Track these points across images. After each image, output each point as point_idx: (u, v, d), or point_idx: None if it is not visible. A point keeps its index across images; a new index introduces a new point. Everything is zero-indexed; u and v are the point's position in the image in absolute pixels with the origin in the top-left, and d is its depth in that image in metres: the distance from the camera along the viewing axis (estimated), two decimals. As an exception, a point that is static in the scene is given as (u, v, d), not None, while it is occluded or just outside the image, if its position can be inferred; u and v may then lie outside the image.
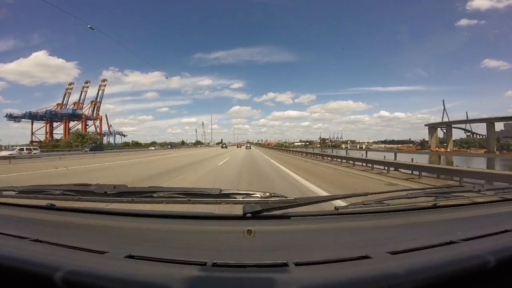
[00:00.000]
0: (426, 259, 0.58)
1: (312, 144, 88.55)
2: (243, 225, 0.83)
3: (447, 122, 66.29)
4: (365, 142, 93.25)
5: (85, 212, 1.02)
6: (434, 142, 64.06)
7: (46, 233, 0.79)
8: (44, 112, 57.11)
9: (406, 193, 1.04)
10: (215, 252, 0.68)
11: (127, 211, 1.01)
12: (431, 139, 65.36)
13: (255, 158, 17.43)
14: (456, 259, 0.58)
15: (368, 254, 0.62)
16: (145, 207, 1.05)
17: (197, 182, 6.88)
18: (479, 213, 1.01)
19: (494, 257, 0.56)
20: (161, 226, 0.90)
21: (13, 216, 1.02)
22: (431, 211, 1.02)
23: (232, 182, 6.76)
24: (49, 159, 17.99)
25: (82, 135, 48.97)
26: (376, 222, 0.92)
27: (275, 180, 7.35)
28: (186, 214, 0.99)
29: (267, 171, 9.60)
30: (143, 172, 9.87)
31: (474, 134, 71.13)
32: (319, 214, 0.99)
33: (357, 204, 1.01)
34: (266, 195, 0.94)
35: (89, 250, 0.66)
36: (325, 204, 1.12)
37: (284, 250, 0.72)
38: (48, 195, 1.09)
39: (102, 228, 0.91)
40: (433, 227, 0.90)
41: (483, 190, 1.13)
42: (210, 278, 0.55)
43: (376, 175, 8.78)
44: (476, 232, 0.74)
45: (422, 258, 0.60)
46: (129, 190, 1.02)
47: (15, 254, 0.61)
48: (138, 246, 0.73)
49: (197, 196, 1.00)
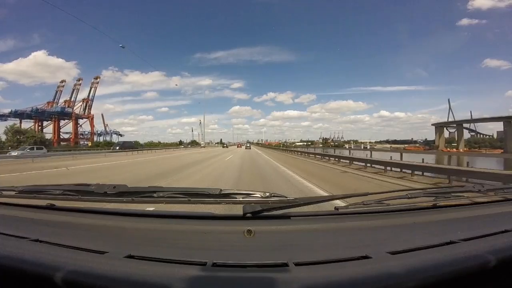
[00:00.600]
0: (426, 259, 0.58)
1: (314, 144, 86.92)
2: (243, 225, 0.83)
3: (458, 121, 64.08)
4: (367, 142, 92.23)
5: (85, 212, 1.02)
6: (442, 142, 63.01)
7: (46, 233, 0.79)
8: (30, 110, 52.90)
9: (406, 193, 1.04)
10: (215, 252, 0.68)
11: (127, 211, 1.01)
12: (438, 139, 64.13)
13: (256, 161, 15.34)
14: (456, 259, 0.58)
15: (368, 254, 0.62)
16: (145, 207, 1.05)
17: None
18: (479, 213, 1.01)
19: (494, 257, 0.56)
20: (161, 226, 0.90)
21: (13, 216, 1.02)
22: (431, 211, 1.02)
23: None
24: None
25: (20, 132, 37.15)
26: (376, 222, 0.92)
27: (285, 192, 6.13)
28: (186, 214, 1.00)
29: (275, 182, 7.25)
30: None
31: (478, 134, 70.43)
32: (319, 214, 0.99)
33: (357, 204, 1.01)
34: (266, 195, 0.94)
35: (89, 250, 0.66)
36: (325, 204, 1.12)
37: (284, 250, 0.72)
38: (48, 195, 1.10)
39: (102, 228, 0.91)
40: (433, 227, 0.89)
41: (483, 190, 1.13)
42: (210, 278, 0.55)
43: (399, 180, 7.61)
44: (476, 232, 0.74)
45: (422, 258, 0.60)
46: (129, 190, 1.02)
47: (15, 254, 0.61)
48: (138, 246, 0.73)
49: (197, 196, 1.00)
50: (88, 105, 61.14)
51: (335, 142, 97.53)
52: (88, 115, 61.16)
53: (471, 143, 63.69)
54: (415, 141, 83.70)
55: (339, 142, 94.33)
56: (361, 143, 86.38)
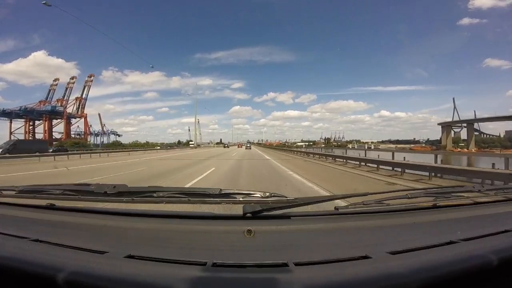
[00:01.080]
0: (426, 259, 0.58)
1: (316, 144, 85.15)
2: (243, 225, 0.82)
3: (468, 120, 63.24)
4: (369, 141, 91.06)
5: (85, 212, 1.02)
6: (449, 141, 62.30)
7: (46, 233, 0.80)
8: (19, 109, 50.59)
9: (406, 193, 1.04)
10: (215, 252, 0.68)
11: (127, 211, 1.01)
12: (446, 139, 63.50)
13: (258, 167, 11.60)
14: (456, 259, 0.58)
15: (368, 254, 0.62)
16: (145, 207, 1.05)
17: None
18: (479, 213, 1.01)
19: (494, 257, 0.56)
20: (161, 226, 0.90)
21: (13, 216, 1.02)
22: (431, 211, 1.02)
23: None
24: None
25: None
26: (376, 222, 0.92)
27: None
28: (186, 214, 1.00)
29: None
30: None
31: (482, 134, 69.58)
32: (319, 214, 0.98)
33: (357, 204, 1.01)
34: (266, 195, 0.94)
35: (89, 250, 0.66)
36: (325, 204, 1.12)
37: (284, 250, 0.72)
38: (48, 195, 1.10)
39: (102, 228, 0.91)
40: (433, 227, 0.89)
41: (483, 190, 1.13)
42: (210, 278, 0.55)
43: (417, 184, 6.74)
44: (476, 232, 0.74)
45: (422, 258, 0.60)
46: (129, 190, 1.02)
47: (15, 254, 0.61)
48: (138, 246, 0.73)
49: (197, 196, 1.00)
50: (81, 104, 59.25)
51: (337, 142, 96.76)
52: (81, 114, 59.28)
53: (479, 143, 62.79)
54: (417, 141, 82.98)
55: (342, 142, 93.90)
56: (364, 143, 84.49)
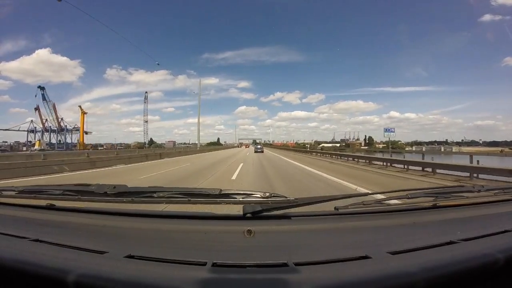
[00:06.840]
0: (426, 259, 0.58)
1: (353, 145, 69.49)
2: (243, 225, 0.82)
3: None
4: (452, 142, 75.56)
5: (85, 212, 1.02)
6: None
7: (46, 233, 0.79)
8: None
9: (406, 193, 1.04)
10: (215, 252, 0.68)
11: (127, 211, 1.01)
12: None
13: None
14: (456, 259, 0.58)
15: (368, 254, 0.62)
16: (145, 207, 1.05)
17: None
18: (479, 213, 1.01)
19: (494, 257, 0.57)
20: (161, 226, 0.90)
21: (13, 216, 1.01)
22: (431, 211, 1.02)
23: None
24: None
25: None
26: (376, 222, 0.92)
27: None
28: (186, 214, 0.99)
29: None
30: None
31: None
32: (319, 214, 0.98)
33: (357, 204, 1.01)
34: (266, 195, 0.94)
35: (89, 250, 0.66)
36: (325, 204, 1.12)
37: (284, 250, 0.72)
38: (48, 195, 1.09)
39: (102, 228, 0.90)
40: (433, 227, 0.89)
41: (483, 190, 1.13)
42: (210, 278, 0.55)
43: None
44: (476, 232, 0.74)
45: (422, 258, 0.60)
46: (129, 190, 1.02)
47: (15, 254, 0.61)
48: (138, 246, 0.73)
49: (197, 196, 1.00)
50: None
51: (347, 142, 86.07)
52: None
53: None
54: (460, 143, 70.36)
55: (397, 144, 64.66)
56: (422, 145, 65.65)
